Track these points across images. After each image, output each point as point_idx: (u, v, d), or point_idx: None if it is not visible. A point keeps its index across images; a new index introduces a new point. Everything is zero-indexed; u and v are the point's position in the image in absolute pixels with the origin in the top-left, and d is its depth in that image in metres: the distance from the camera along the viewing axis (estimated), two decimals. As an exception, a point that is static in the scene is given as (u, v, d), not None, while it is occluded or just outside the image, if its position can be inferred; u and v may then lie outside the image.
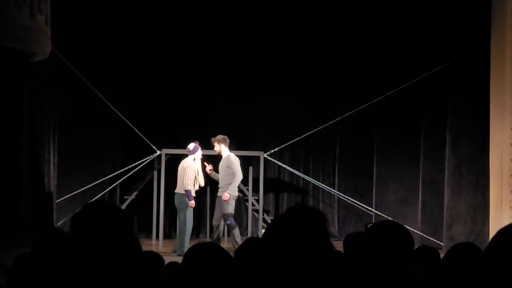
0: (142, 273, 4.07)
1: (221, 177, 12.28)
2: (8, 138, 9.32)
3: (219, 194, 12.24)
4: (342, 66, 14.51)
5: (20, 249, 4.42)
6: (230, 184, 12.05)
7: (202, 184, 12.42)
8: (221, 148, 12.26)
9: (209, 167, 12.44)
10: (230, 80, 14.50)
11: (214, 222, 12.37)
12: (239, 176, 12.20)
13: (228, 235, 12.99)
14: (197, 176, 12.22)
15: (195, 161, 12.31)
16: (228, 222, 12.07)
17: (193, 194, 12.26)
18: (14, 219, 9.19)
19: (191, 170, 12.19)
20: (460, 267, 3.97)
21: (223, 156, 12.28)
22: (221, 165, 12.31)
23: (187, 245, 12.03)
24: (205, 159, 12.56)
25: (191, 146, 12.37)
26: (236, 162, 12.20)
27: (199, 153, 12.40)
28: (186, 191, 12.14)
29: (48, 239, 3.89)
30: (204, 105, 14.53)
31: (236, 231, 12.02)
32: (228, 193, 11.96)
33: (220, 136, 12.29)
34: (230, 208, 12.05)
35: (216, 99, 14.64)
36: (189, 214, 12.19)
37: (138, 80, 14.31)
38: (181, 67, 14.28)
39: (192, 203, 12.15)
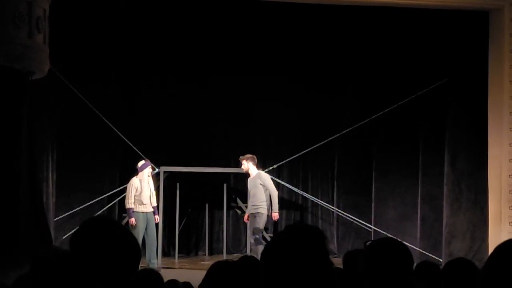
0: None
1: (253, 195, 12.38)
2: (6, 156, 9.30)
3: (252, 211, 12.35)
4: (340, 83, 14.58)
5: (20, 268, 4.41)
6: (264, 201, 12.23)
7: (150, 203, 12.35)
8: (249, 166, 12.44)
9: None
10: (229, 97, 14.50)
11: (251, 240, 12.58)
12: (275, 192, 12.41)
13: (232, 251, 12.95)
14: (139, 195, 12.20)
15: (141, 180, 12.34)
16: (256, 236, 12.17)
17: (144, 210, 12.22)
18: (14, 238, 9.16)
19: (132, 189, 12.24)
20: (454, 284, 3.97)
21: (252, 175, 12.51)
22: (252, 183, 12.46)
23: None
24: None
25: (140, 163, 12.45)
26: (268, 179, 12.47)
27: (147, 171, 12.45)
28: (126, 209, 12.24)
29: (46, 258, 3.89)
30: (203, 122, 14.50)
31: (261, 248, 12.07)
32: (277, 212, 12.34)
33: (248, 155, 12.54)
34: (262, 224, 12.22)
35: (215, 117, 14.62)
36: (136, 231, 12.06)
37: (136, 97, 14.32)
38: (180, 85, 14.29)
39: (132, 220, 12.16)
